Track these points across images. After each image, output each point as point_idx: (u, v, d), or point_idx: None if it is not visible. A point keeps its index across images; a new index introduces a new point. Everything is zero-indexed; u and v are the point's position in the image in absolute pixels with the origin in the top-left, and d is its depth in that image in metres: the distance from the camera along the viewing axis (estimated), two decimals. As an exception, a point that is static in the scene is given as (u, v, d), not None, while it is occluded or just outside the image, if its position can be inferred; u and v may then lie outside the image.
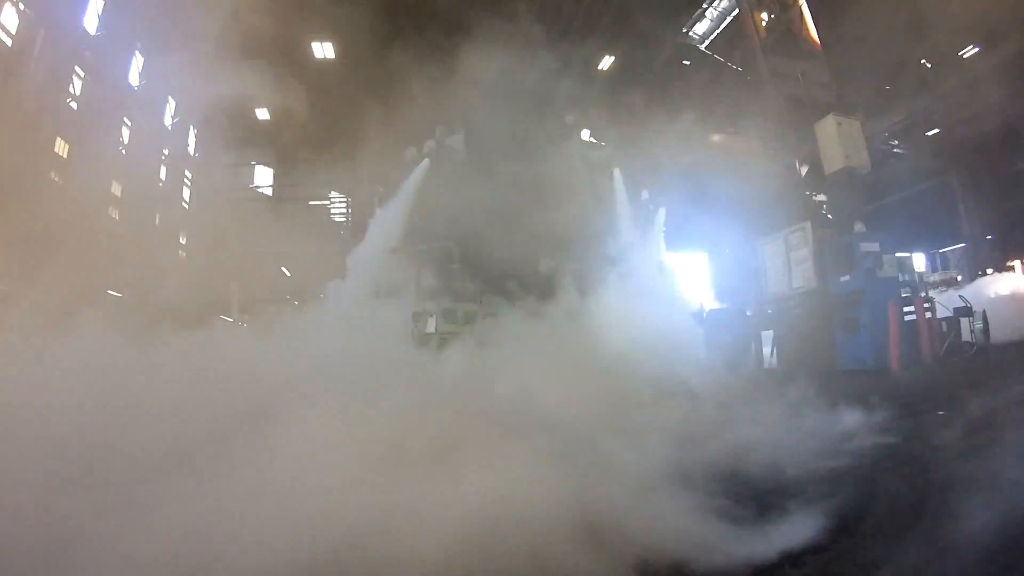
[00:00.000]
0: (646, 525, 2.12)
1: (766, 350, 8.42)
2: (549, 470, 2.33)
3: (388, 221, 12.73)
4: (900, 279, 7.95)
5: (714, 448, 3.36)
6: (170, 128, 17.18)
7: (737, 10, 11.62)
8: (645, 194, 15.82)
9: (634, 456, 2.88)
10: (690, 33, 24.08)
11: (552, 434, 2.77)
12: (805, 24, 10.36)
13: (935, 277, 18.50)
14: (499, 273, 12.98)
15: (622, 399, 4.63)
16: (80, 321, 4.37)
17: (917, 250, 25.05)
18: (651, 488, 2.44)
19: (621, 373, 5.66)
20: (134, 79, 15.43)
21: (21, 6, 12.36)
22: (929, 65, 19.91)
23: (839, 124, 8.88)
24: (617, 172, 14.92)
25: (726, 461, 3.12)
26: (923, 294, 8.04)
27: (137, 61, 15.34)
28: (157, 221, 16.49)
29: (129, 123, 15.11)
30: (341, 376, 3.60)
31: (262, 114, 17.83)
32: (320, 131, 16.58)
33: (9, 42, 12.08)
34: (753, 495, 2.62)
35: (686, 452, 3.17)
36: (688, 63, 24.76)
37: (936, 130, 20.83)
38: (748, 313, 9.43)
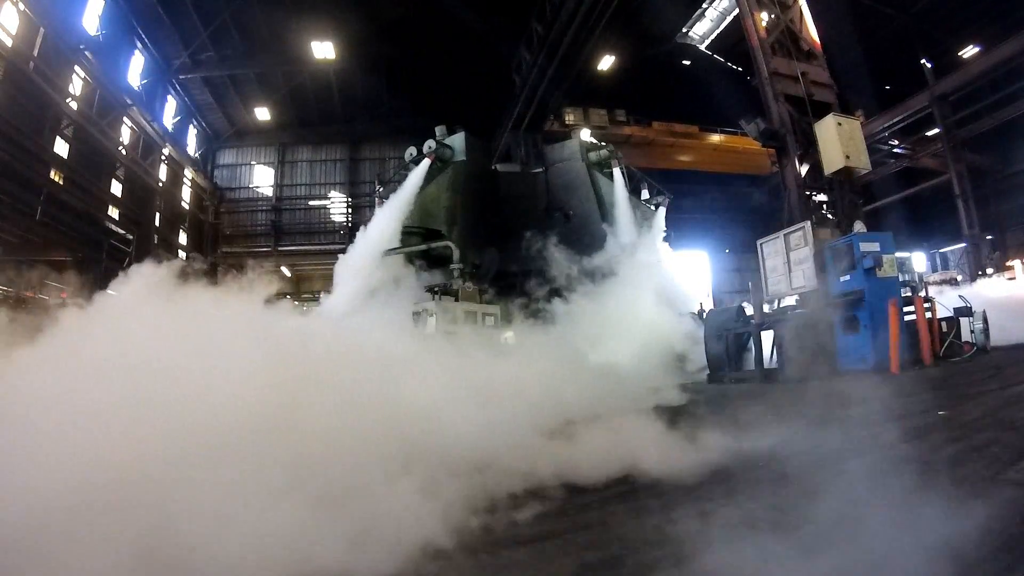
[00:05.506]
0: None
1: (766, 350, 8.40)
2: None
3: (388, 221, 12.70)
4: (900, 279, 7.93)
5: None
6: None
7: (737, 10, 11.62)
8: (645, 193, 15.83)
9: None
10: (690, 33, 24.07)
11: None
12: (805, 24, 10.35)
13: (935, 277, 18.47)
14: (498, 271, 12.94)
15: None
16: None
17: (917, 250, 25.08)
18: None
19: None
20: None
21: (21, 6, 12.34)
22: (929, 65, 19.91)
23: (839, 124, 8.87)
24: (617, 171, 14.92)
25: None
26: (923, 294, 8.03)
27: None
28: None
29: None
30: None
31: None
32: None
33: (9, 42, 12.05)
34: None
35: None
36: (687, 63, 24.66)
37: (936, 130, 20.85)
38: (748, 313, 9.41)
